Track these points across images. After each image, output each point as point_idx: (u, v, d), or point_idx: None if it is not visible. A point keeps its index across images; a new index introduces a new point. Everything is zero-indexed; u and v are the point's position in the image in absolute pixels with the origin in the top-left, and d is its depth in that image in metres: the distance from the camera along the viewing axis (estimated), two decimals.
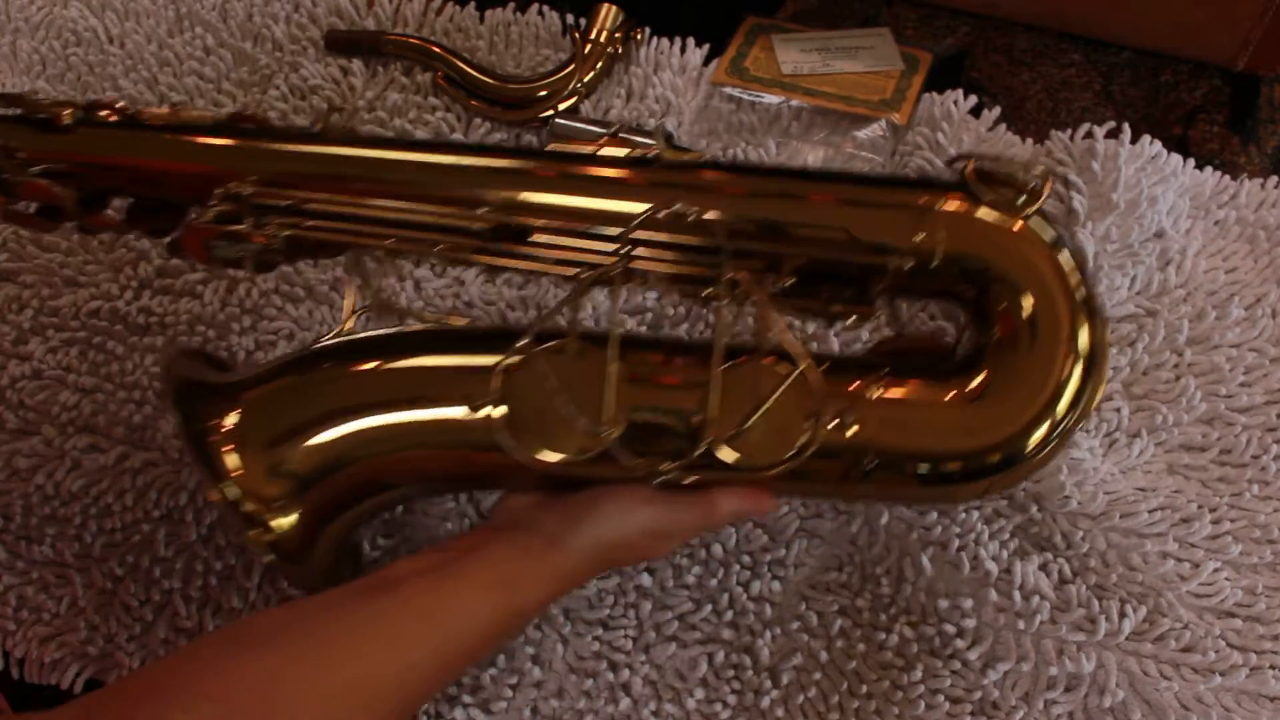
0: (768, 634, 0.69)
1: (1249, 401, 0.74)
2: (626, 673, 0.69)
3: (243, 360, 0.79)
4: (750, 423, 0.57)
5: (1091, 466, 0.71)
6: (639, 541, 0.60)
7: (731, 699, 0.68)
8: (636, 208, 0.58)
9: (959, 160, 0.60)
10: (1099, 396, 0.59)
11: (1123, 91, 0.89)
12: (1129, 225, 0.77)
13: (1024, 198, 0.58)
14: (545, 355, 0.58)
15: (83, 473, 0.76)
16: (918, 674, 0.67)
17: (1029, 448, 0.58)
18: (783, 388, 0.57)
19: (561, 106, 0.86)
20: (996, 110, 0.84)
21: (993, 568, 0.69)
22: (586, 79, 0.87)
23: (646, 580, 0.71)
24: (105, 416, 0.78)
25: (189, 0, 0.94)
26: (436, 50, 0.88)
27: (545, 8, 0.92)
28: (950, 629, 0.67)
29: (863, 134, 0.83)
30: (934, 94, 0.84)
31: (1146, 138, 0.80)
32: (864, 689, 0.67)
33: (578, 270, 0.59)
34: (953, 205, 0.58)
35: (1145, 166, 0.79)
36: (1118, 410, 0.73)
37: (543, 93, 0.86)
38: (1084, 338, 0.57)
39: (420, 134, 0.85)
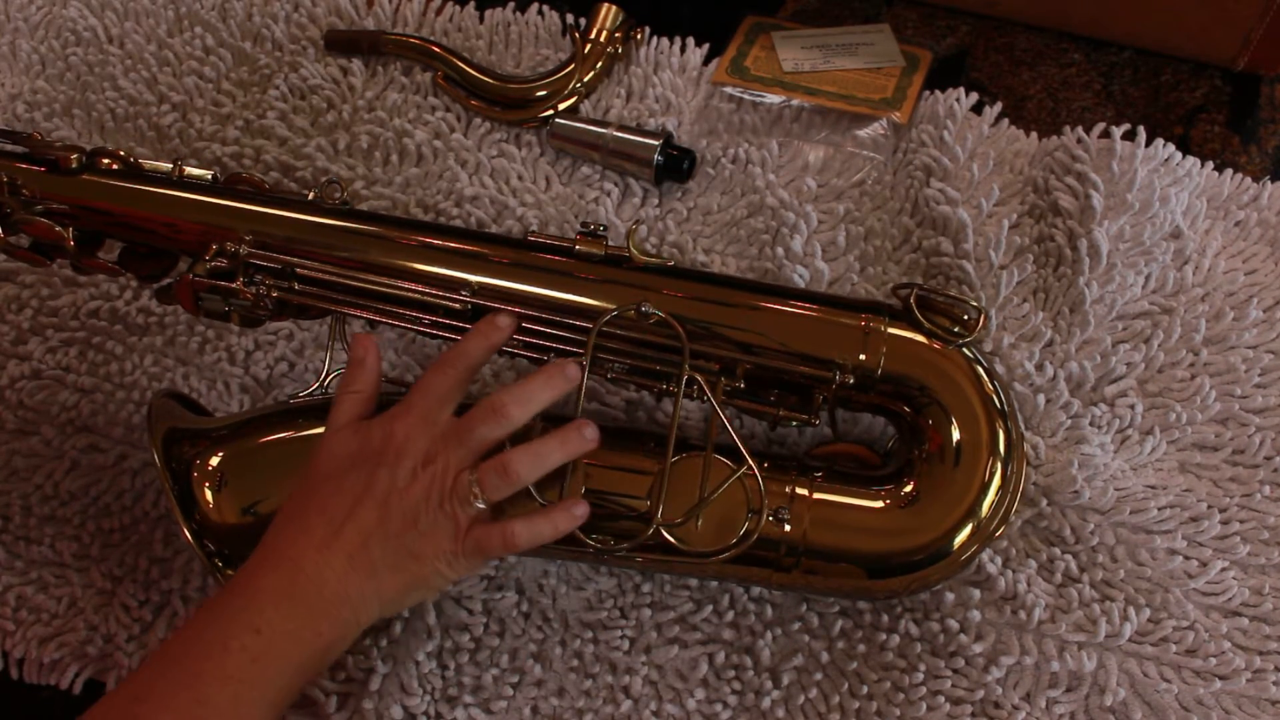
0: (768, 634, 0.69)
1: (1264, 403, 0.74)
2: (627, 674, 0.68)
3: (242, 360, 0.79)
4: (695, 513, 0.63)
5: (1102, 462, 0.71)
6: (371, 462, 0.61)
7: (732, 699, 0.68)
8: (605, 305, 0.64)
9: (903, 288, 0.66)
10: (1012, 514, 0.65)
11: (1123, 91, 0.89)
12: (1142, 224, 0.77)
13: (959, 328, 0.64)
14: (510, 436, 0.62)
15: (82, 473, 0.76)
16: (919, 674, 0.67)
17: (953, 550, 0.63)
18: (726, 484, 0.62)
19: (561, 106, 0.86)
20: (998, 107, 0.84)
21: (996, 566, 0.69)
22: (586, 79, 0.87)
23: (646, 583, 0.71)
24: (104, 416, 0.78)
25: (189, 0, 0.93)
26: (436, 50, 0.88)
27: (545, 7, 0.92)
28: (954, 624, 0.67)
29: (864, 133, 0.83)
30: (937, 92, 0.84)
31: (1160, 140, 0.80)
32: (865, 690, 0.67)
33: (546, 357, 0.65)
34: (895, 329, 0.64)
35: (1159, 168, 0.79)
36: (1131, 407, 0.73)
37: (542, 92, 0.86)
38: (998, 470, 0.63)
39: (420, 134, 0.85)
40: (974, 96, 0.84)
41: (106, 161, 0.69)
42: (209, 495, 0.63)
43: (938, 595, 0.68)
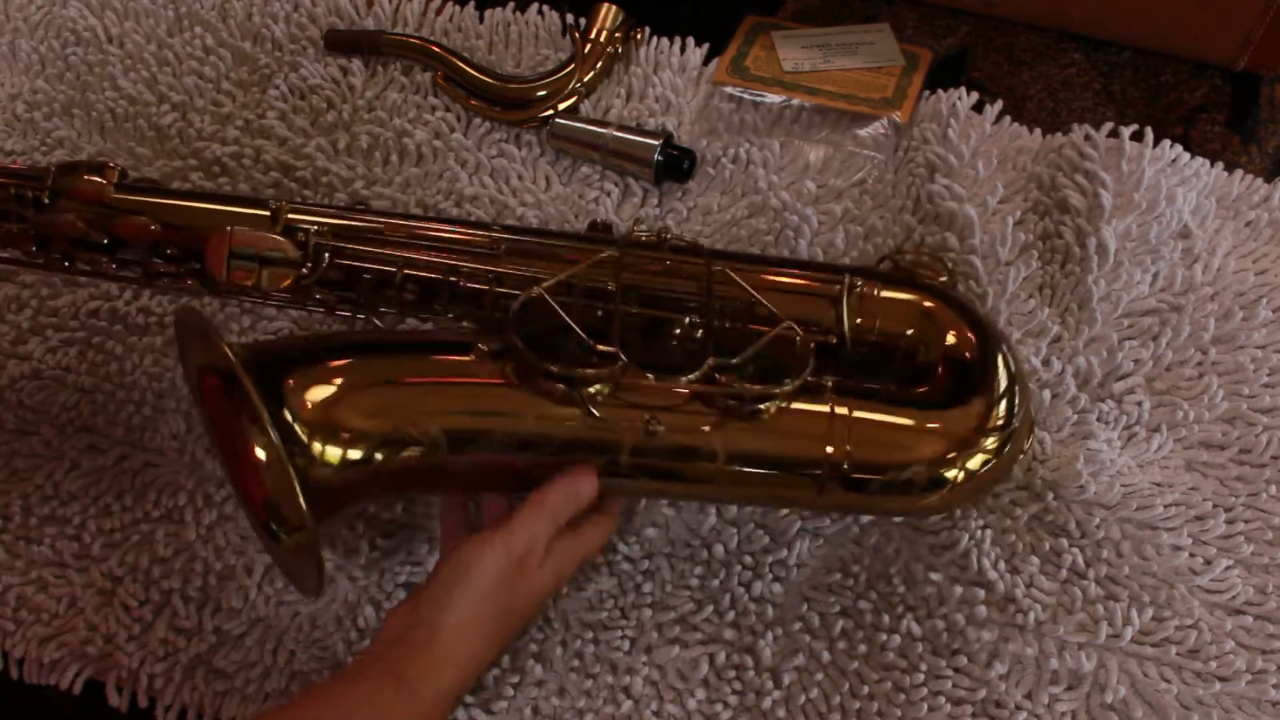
0: (769, 635, 0.69)
1: (1271, 403, 0.73)
2: (628, 674, 0.68)
3: None
4: (747, 358, 0.63)
5: (1109, 458, 0.71)
6: (513, 580, 0.62)
7: (733, 699, 0.68)
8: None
9: (886, 259, 0.72)
10: (1028, 406, 0.67)
11: (1123, 91, 0.89)
12: (1148, 223, 0.77)
13: (945, 277, 0.71)
14: (551, 292, 0.64)
15: (82, 473, 0.76)
16: (920, 675, 0.67)
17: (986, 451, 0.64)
18: (771, 335, 0.64)
19: (561, 106, 0.86)
20: (999, 104, 0.84)
21: (1000, 568, 0.69)
22: (586, 79, 0.86)
23: (647, 583, 0.71)
24: (104, 416, 0.78)
25: (189, 0, 0.93)
26: (436, 50, 0.88)
27: (545, 7, 0.92)
28: (956, 622, 0.67)
29: (864, 132, 0.83)
30: (940, 91, 0.84)
31: (1166, 142, 0.80)
32: (866, 690, 0.67)
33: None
34: (886, 292, 0.67)
35: (1165, 168, 0.79)
36: (1139, 404, 0.73)
37: (542, 92, 0.86)
38: (1002, 362, 0.65)
39: (420, 134, 0.85)
40: (974, 96, 0.84)
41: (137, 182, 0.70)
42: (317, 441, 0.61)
43: (939, 593, 0.68)
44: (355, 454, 0.61)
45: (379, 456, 0.61)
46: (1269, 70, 0.88)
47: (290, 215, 0.67)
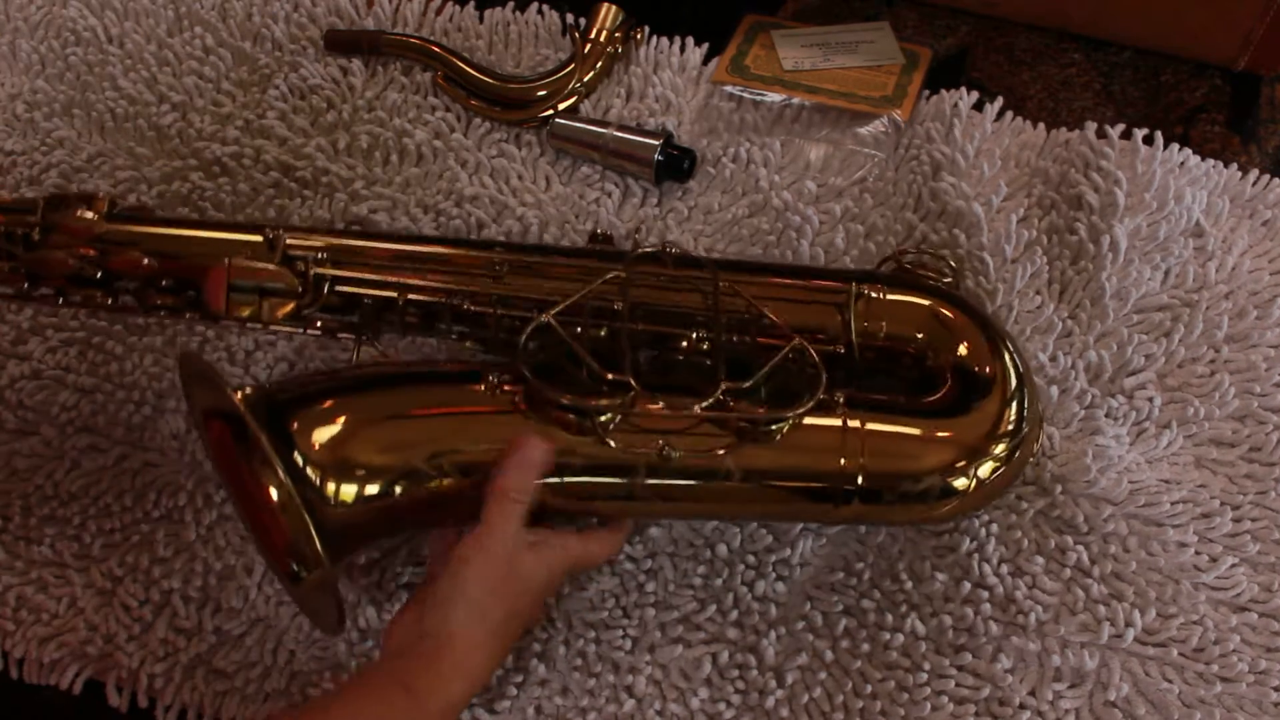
0: (772, 634, 0.69)
1: None
2: (630, 673, 0.68)
3: (242, 360, 0.78)
4: (759, 382, 0.63)
5: (1117, 454, 0.71)
6: (507, 583, 0.61)
7: (736, 699, 0.68)
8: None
9: (889, 260, 0.73)
10: (1037, 411, 0.68)
11: (1123, 91, 0.89)
12: (1158, 221, 0.77)
13: (949, 278, 0.71)
14: (560, 320, 0.64)
15: (82, 473, 0.76)
16: (923, 674, 0.67)
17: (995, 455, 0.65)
18: (781, 356, 0.64)
19: (561, 106, 0.86)
20: (999, 102, 0.84)
21: (1002, 571, 0.69)
22: (586, 78, 0.86)
23: (650, 582, 0.71)
24: (104, 416, 0.77)
25: (189, 0, 0.93)
26: (436, 50, 0.88)
27: (545, 7, 0.92)
28: (962, 618, 0.67)
29: (865, 130, 0.83)
30: (943, 91, 0.84)
31: (1175, 145, 0.81)
32: (869, 689, 0.67)
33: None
34: (893, 295, 0.68)
35: (1174, 169, 0.80)
36: (1150, 399, 0.73)
37: (542, 92, 0.86)
38: (1011, 368, 0.66)
39: (420, 134, 0.85)
40: (974, 94, 0.84)
41: (128, 211, 0.70)
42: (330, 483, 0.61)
43: (944, 592, 0.68)
44: (371, 490, 0.61)
45: (393, 491, 0.61)
46: (1269, 70, 0.88)
47: (288, 242, 0.67)
